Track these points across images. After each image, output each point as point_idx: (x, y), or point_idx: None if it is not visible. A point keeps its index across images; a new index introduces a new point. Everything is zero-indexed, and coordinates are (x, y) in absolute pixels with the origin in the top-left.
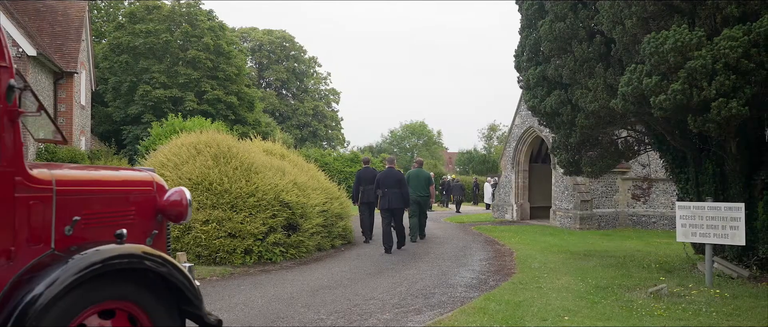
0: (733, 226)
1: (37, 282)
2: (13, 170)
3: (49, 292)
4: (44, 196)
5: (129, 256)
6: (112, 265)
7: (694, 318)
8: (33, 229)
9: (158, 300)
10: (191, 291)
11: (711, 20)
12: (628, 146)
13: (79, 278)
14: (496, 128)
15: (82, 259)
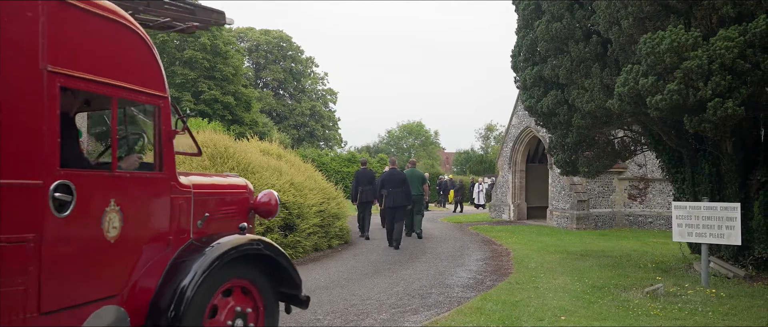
0: (729, 225)
1: (190, 264)
2: (170, 177)
3: (200, 272)
4: (187, 198)
5: (255, 244)
6: (244, 250)
7: (690, 318)
8: (180, 223)
9: (267, 280)
10: (295, 273)
11: (707, 20)
12: (625, 146)
13: (220, 261)
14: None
15: (221, 246)
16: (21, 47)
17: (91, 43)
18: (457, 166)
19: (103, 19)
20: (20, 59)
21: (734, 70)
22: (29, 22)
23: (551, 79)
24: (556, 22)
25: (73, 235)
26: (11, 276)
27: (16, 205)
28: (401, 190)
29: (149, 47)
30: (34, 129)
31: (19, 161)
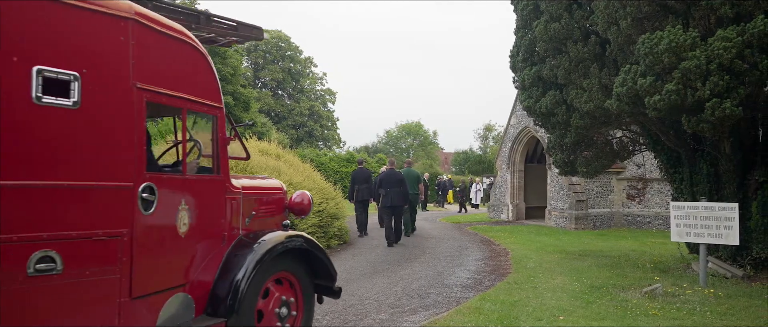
0: (728, 225)
1: (243, 258)
2: (225, 179)
3: (252, 266)
4: (238, 198)
5: (297, 240)
6: (289, 246)
7: (689, 317)
8: (233, 220)
9: (306, 272)
10: (331, 266)
11: (705, 21)
12: (623, 146)
13: (269, 255)
14: (491, 128)
15: (268, 242)
16: (116, 67)
17: (167, 60)
18: (455, 166)
19: (175, 40)
20: (115, 77)
21: (732, 71)
22: (121, 45)
23: (550, 80)
24: (554, 22)
25: (155, 231)
26: (109, 265)
27: (112, 204)
28: (398, 189)
29: (209, 63)
30: (126, 138)
31: (115, 166)
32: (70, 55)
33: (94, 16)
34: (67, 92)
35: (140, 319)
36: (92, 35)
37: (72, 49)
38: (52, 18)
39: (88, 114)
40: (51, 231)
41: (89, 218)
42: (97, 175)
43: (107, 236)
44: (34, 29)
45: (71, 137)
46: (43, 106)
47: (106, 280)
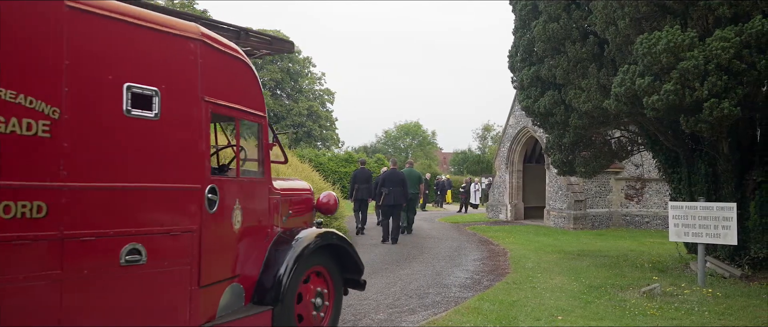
0: (726, 225)
1: (285, 253)
2: (268, 181)
3: (293, 260)
4: (278, 198)
5: (331, 236)
6: (324, 241)
7: (687, 317)
8: (274, 219)
9: (336, 266)
10: (359, 260)
11: (703, 21)
12: (622, 146)
13: (308, 250)
14: (490, 128)
15: (306, 239)
16: (187, 83)
17: (225, 75)
18: (454, 166)
19: (231, 57)
20: (187, 92)
21: (730, 71)
22: (191, 63)
23: (548, 80)
24: (553, 22)
25: (217, 227)
26: (183, 257)
27: (185, 204)
28: (400, 189)
29: (256, 76)
30: (196, 145)
31: (187, 170)
32: (151, 73)
33: (170, 37)
34: (150, 105)
35: (206, 306)
36: (168, 54)
37: (152, 67)
38: (136, 40)
39: (165, 124)
40: (137, 227)
41: (167, 216)
42: (173, 178)
43: (181, 232)
44: (123, 51)
45: (152, 145)
46: (131, 117)
47: (180, 271)
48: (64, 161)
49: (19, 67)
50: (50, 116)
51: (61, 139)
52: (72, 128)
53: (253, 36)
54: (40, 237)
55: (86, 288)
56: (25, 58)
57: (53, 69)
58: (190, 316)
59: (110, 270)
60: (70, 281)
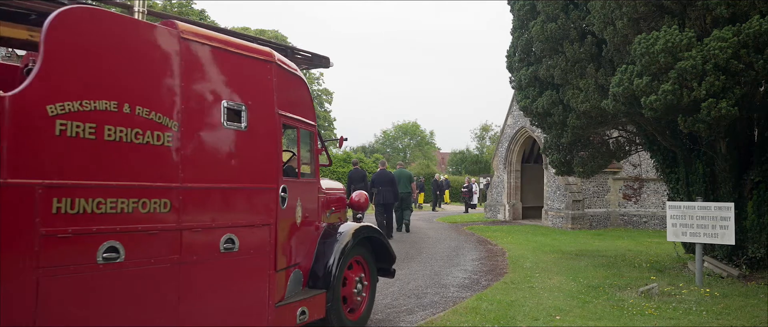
0: (723, 225)
1: (332, 245)
2: (317, 182)
3: (340, 250)
4: (324, 197)
5: (369, 230)
6: (364, 234)
7: (685, 317)
8: (321, 214)
9: (371, 256)
10: (392, 251)
11: (701, 21)
12: (620, 146)
13: (352, 241)
14: (488, 128)
15: (349, 232)
16: (266, 99)
17: (290, 91)
18: (452, 166)
19: (293, 75)
20: (266, 107)
21: (728, 71)
22: (268, 82)
23: (546, 80)
24: (551, 22)
25: (286, 221)
26: (263, 246)
27: (265, 201)
28: (390, 188)
29: (309, 90)
30: (272, 151)
31: (266, 172)
32: (240, 91)
33: (253, 61)
34: (240, 118)
35: (279, 287)
36: (252, 75)
37: (241, 86)
38: (229, 63)
39: (251, 134)
40: (232, 221)
41: (252, 211)
42: (256, 180)
43: (262, 224)
44: (221, 72)
45: (241, 151)
46: (227, 129)
47: (262, 257)
48: (181, 166)
49: (151, 88)
50: (172, 129)
51: (179, 147)
52: (186, 139)
53: (297, 53)
54: (166, 228)
55: (196, 270)
56: (153, 80)
57: (173, 89)
58: (269, 295)
59: (213, 255)
60: (186, 264)
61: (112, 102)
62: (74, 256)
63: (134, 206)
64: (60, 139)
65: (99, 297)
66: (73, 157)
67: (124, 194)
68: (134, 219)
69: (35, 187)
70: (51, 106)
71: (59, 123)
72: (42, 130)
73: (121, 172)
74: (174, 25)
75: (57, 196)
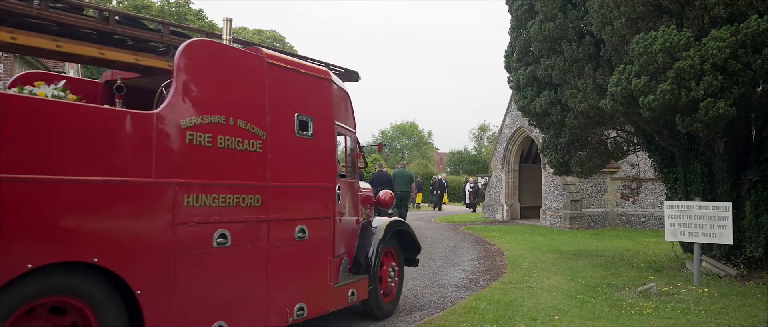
0: (721, 225)
1: (370, 238)
2: (356, 182)
3: (377, 242)
4: (362, 195)
5: (400, 224)
6: (396, 227)
7: (683, 317)
8: (359, 211)
9: (400, 247)
10: (418, 243)
11: (699, 21)
12: (618, 146)
13: (387, 234)
14: (486, 128)
15: (383, 226)
16: (326, 111)
17: (340, 103)
18: (450, 166)
19: (341, 90)
20: (326, 118)
21: (726, 70)
22: (328, 97)
23: (544, 79)
24: (549, 22)
25: (340, 215)
26: (326, 236)
27: (326, 198)
28: (387, 188)
29: (352, 102)
30: (331, 156)
31: (327, 173)
32: (308, 105)
33: (315, 79)
34: (308, 128)
35: (335, 272)
36: (315, 92)
37: (308, 101)
38: (299, 82)
39: (315, 141)
40: (303, 214)
41: (317, 206)
42: (320, 179)
43: (324, 217)
44: (293, 89)
45: (308, 156)
46: (298, 137)
47: (324, 246)
48: (268, 168)
49: (247, 104)
50: (262, 137)
51: (267, 153)
52: (271, 145)
53: (332, 68)
54: (258, 219)
55: (278, 254)
56: (249, 97)
57: (262, 104)
58: (329, 278)
59: (290, 242)
60: (272, 249)
61: (222, 116)
62: (197, 241)
63: (237, 201)
64: (189, 146)
65: (213, 274)
66: (197, 161)
67: (231, 191)
68: (237, 212)
69: (173, 185)
70: (183, 120)
71: (188, 134)
72: (177, 139)
73: (228, 173)
74: (259, 51)
75: (187, 192)
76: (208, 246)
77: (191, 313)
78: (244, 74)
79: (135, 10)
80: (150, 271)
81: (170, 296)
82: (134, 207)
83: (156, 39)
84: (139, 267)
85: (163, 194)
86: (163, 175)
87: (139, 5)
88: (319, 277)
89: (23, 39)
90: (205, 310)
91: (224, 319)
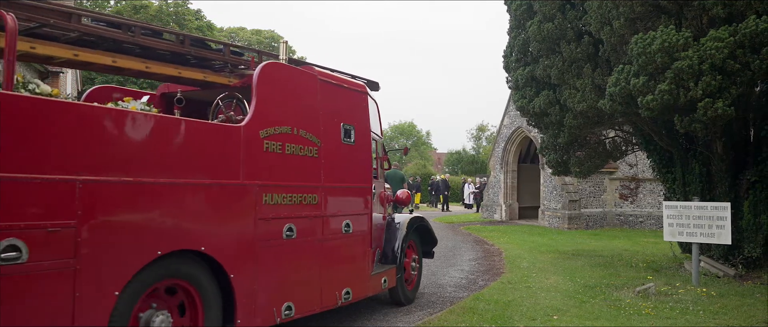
0: (720, 225)
1: (396, 232)
2: (383, 182)
3: (402, 236)
4: (385, 195)
5: (421, 220)
6: (417, 223)
7: (681, 317)
8: (385, 207)
9: (419, 240)
10: (435, 237)
11: (697, 21)
12: (616, 146)
13: (410, 228)
14: (484, 128)
15: (406, 222)
16: (363, 121)
17: (373, 113)
18: (448, 166)
19: (373, 100)
20: (363, 127)
21: (724, 71)
22: (365, 108)
23: (543, 80)
24: (547, 22)
25: (375, 212)
26: (364, 230)
27: (364, 196)
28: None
29: (379, 110)
30: (368, 160)
31: (365, 175)
32: (350, 115)
33: (355, 93)
34: (350, 136)
35: (371, 261)
36: (355, 103)
37: (350, 112)
38: (342, 95)
39: (357, 147)
40: (348, 211)
41: (358, 204)
42: (360, 181)
43: (363, 214)
44: (339, 102)
45: (351, 160)
46: (343, 143)
47: (364, 238)
48: (322, 171)
49: (306, 115)
50: (317, 144)
51: (321, 157)
52: (324, 151)
53: (356, 79)
54: (316, 215)
55: (329, 246)
56: (307, 109)
57: (316, 115)
58: (367, 267)
59: (338, 236)
60: (325, 241)
61: (288, 126)
62: (272, 233)
63: (300, 199)
64: (265, 153)
65: (282, 262)
66: (271, 165)
67: (295, 191)
68: (300, 208)
69: (255, 186)
70: (261, 131)
71: (265, 142)
72: (257, 147)
73: (294, 175)
74: (312, 69)
75: (265, 192)
76: (280, 238)
77: (268, 294)
78: (302, 90)
79: (133, 10)
80: (240, 259)
81: (254, 280)
82: (229, 204)
83: (218, 58)
84: (233, 255)
85: (248, 194)
86: (248, 178)
87: (138, 5)
88: (360, 266)
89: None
90: (278, 292)
91: (291, 300)
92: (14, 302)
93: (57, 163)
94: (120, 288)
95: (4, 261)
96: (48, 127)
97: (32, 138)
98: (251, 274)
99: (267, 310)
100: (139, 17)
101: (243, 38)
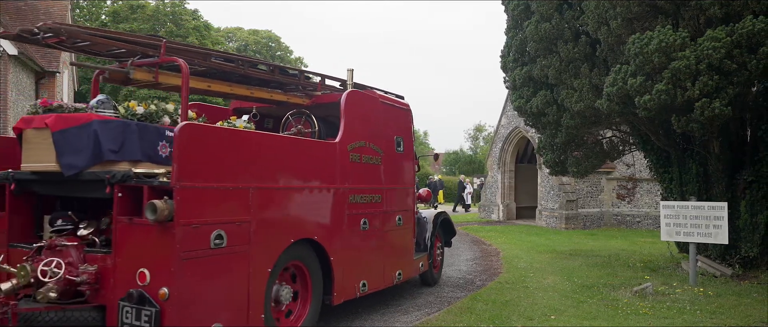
0: (717, 225)
1: (426, 226)
2: (414, 182)
3: (431, 229)
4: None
5: (445, 215)
6: (441, 217)
7: (679, 316)
8: (415, 204)
9: (442, 232)
10: (454, 229)
11: (694, 21)
12: (613, 146)
13: (437, 221)
14: (482, 129)
15: (433, 217)
16: (407, 132)
17: (411, 124)
18: (446, 166)
19: (411, 114)
20: (408, 137)
21: (721, 70)
22: (409, 122)
23: (540, 80)
24: (545, 22)
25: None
26: (410, 223)
27: (410, 196)
28: None
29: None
30: (411, 164)
31: (410, 177)
32: (398, 129)
33: (401, 110)
34: (400, 146)
35: (413, 251)
36: (402, 119)
37: (398, 126)
38: (394, 113)
39: (404, 155)
40: (399, 207)
41: (406, 201)
42: (406, 182)
43: (409, 210)
44: (392, 118)
45: (400, 166)
46: (396, 153)
47: (409, 229)
48: (383, 175)
49: (373, 130)
50: (380, 154)
51: (383, 164)
52: (384, 159)
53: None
54: (380, 211)
55: (388, 235)
56: (373, 125)
57: (379, 130)
58: (412, 253)
59: (393, 227)
60: (385, 232)
61: (363, 140)
62: (354, 226)
63: (371, 198)
64: (350, 162)
65: (360, 247)
66: (353, 171)
67: (368, 191)
68: (371, 206)
69: (346, 189)
70: (349, 145)
71: (350, 154)
72: (346, 158)
73: (367, 179)
74: (373, 92)
75: (351, 194)
76: (359, 229)
77: (352, 275)
78: (370, 110)
79: (129, 10)
80: (337, 245)
81: (345, 264)
82: (331, 203)
83: (295, 82)
84: (333, 242)
85: (342, 194)
86: (341, 182)
87: (134, 5)
88: (408, 252)
89: (238, 90)
90: (358, 273)
91: (366, 279)
92: (222, 274)
93: (241, 175)
94: (271, 266)
95: (215, 245)
96: (235, 150)
97: (227, 157)
98: (343, 257)
99: (351, 286)
100: (135, 17)
101: (240, 38)
